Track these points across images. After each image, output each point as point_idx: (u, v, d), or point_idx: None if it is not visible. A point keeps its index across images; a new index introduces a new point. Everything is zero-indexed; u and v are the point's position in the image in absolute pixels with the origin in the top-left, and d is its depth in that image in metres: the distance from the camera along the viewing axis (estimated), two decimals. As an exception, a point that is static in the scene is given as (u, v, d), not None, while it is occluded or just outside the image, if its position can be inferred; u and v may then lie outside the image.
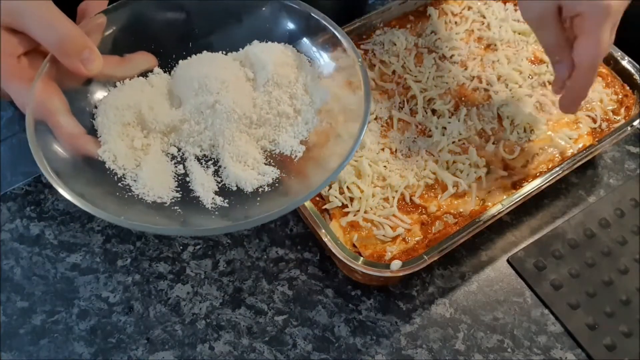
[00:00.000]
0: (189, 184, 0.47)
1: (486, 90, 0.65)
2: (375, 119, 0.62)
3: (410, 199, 0.57)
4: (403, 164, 0.59)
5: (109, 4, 0.49)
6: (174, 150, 0.49)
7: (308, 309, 0.57)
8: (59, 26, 0.40)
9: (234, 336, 0.55)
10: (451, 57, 0.68)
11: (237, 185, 0.47)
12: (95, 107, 0.47)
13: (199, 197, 0.46)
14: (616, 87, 0.66)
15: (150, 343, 0.55)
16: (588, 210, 0.64)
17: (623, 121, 0.63)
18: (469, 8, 0.73)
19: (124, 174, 0.45)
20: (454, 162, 0.59)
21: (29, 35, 0.40)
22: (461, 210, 0.56)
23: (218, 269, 0.59)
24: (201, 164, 0.48)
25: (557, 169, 0.58)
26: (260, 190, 0.47)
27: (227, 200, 0.46)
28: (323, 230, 0.52)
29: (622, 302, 0.57)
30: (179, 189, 0.47)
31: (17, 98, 0.41)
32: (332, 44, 0.52)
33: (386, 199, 0.56)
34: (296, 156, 0.49)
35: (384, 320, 0.57)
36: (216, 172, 0.48)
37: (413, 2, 0.72)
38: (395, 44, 0.69)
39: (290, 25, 0.54)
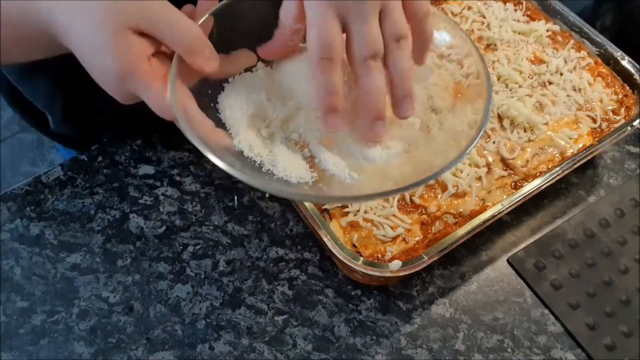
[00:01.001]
0: (320, 165, 0.48)
1: (486, 90, 0.65)
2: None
3: (410, 199, 0.57)
4: (403, 164, 0.59)
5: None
6: (295, 137, 0.49)
7: (308, 309, 0.57)
8: (186, 27, 0.41)
9: (234, 336, 0.55)
10: (449, 55, 0.68)
11: (365, 159, 0.47)
12: (213, 104, 0.48)
13: (334, 175, 0.47)
14: (616, 87, 0.66)
15: (150, 343, 0.55)
16: (588, 210, 0.64)
17: (623, 121, 0.63)
18: (469, 8, 0.73)
19: (261, 161, 0.46)
20: (454, 162, 0.59)
21: (155, 37, 0.40)
22: (461, 210, 0.56)
23: (218, 269, 0.59)
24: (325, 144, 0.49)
25: (557, 169, 0.58)
26: (390, 162, 0.47)
27: (362, 175, 0.46)
28: (323, 230, 0.52)
29: (622, 302, 0.57)
30: (313, 170, 0.48)
31: (155, 100, 0.41)
32: None
33: (386, 199, 0.56)
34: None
35: (384, 320, 0.57)
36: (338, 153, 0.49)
37: (413, 2, 0.72)
38: (395, 44, 0.69)
39: None
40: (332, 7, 0.40)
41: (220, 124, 0.47)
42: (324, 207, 0.56)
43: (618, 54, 0.67)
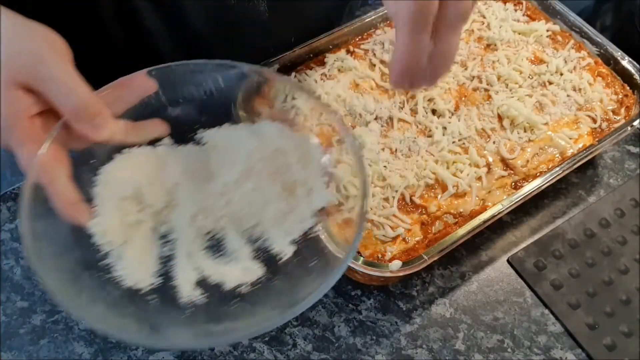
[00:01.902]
0: (171, 270, 0.46)
1: (486, 90, 0.65)
2: (376, 119, 0.62)
3: (410, 199, 0.57)
4: (403, 164, 0.59)
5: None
6: (164, 230, 0.47)
7: (308, 309, 0.57)
8: (77, 91, 0.39)
9: (234, 336, 0.55)
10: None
11: (218, 280, 0.46)
12: (94, 174, 0.46)
13: (176, 286, 0.45)
14: (616, 87, 0.66)
15: (150, 343, 0.55)
16: (588, 210, 0.64)
17: (623, 121, 0.63)
18: (469, 8, 0.73)
19: (109, 251, 0.44)
20: (454, 162, 0.59)
21: (44, 96, 0.39)
22: (461, 210, 0.56)
23: (218, 269, 0.59)
24: (191, 248, 0.47)
25: (557, 169, 0.58)
26: (238, 290, 0.46)
27: (205, 295, 0.45)
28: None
29: (622, 302, 0.57)
30: (161, 273, 0.45)
31: (24, 161, 0.40)
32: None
33: (386, 199, 0.56)
34: (281, 258, 0.48)
35: (384, 320, 0.57)
36: (201, 260, 0.47)
37: (413, 2, 0.72)
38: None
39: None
40: None
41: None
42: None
43: (618, 54, 0.67)
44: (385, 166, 0.58)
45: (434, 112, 0.63)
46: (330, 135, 0.51)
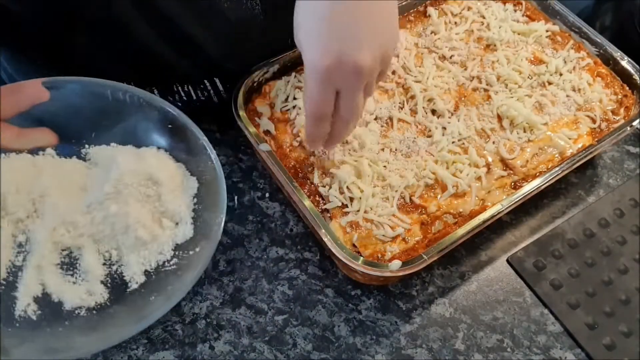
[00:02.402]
0: (15, 280, 0.47)
1: (486, 90, 0.65)
2: (376, 119, 0.62)
3: (410, 199, 0.57)
4: (403, 164, 0.59)
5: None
6: (23, 239, 0.48)
7: (308, 309, 0.57)
8: None
9: (234, 336, 0.55)
10: (451, 57, 0.68)
11: (58, 298, 0.47)
12: None
13: (16, 297, 0.46)
14: (616, 87, 0.66)
15: (150, 343, 0.55)
16: (588, 210, 0.64)
17: (622, 121, 0.63)
18: (469, 8, 0.73)
19: None
20: (454, 162, 0.59)
21: None
22: (461, 210, 0.57)
23: (218, 268, 0.59)
24: (43, 262, 0.48)
25: (557, 169, 0.58)
26: (77, 312, 0.47)
27: (39, 313, 0.46)
28: (323, 230, 0.52)
29: (622, 302, 0.58)
30: (3, 282, 0.46)
31: None
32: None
33: (386, 199, 0.57)
34: (129, 287, 0.49)
35: (384, 320, 0.57)
36: (48, 276, 0.48)
37: (413, 2, 0.72)
38: (395, 44, 0.69)
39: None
40: (329, 82, 0.46)
41: None
42: (324, 207, 0.56)
43: (617, 54, 0.67)
44: (385, 166, 0.58)
45: (433, 112, 0.63)
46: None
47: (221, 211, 0.50)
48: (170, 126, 0.55)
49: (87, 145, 0.55)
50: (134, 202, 0.50)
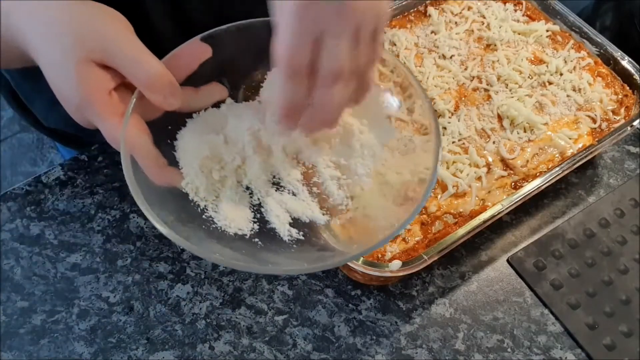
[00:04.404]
0: (265, 216, 0.48)
1: (486, 90, 0.65)
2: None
3: (410, 199, 0.57)
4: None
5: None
6: (247, 182, 0.49)
7: (308, 309, 0.57)
8: (147, 63, 0.41)
9: (234, 336, 0.55)
10: (451, 57, 0.68)
11: (308, 218, 0.48)
12: (175, 140, 0.48)
13: (275, 229, 0.47)
14: (616, 87, 0.66)
15: (150, 343, 0.55)
16: (588, 210, 0.64)
17: (623, 121, 0.63)
18: (469, 8, 0.73)
19: (205, 206, 0.46)
20: (454, 162, 0.59)
21: (118, 70, 0.41)
22: (461, 210, 0.56)
23: (218, 268, 0.59)
24: (278, 190, 0.49)
25: (557, 168, 0.58)
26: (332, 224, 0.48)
27: (301, 233, 0.47)
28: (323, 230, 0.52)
29: (622, 302, 0.58)
30: (256, 220, 0.47)
31: (109, 133, 0.42)
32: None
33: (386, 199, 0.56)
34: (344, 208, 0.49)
35: (384, 320, 0.57)
36: (289, 201, 0.49)
37: (413, 2, 0.72)
38: (395, 44, 0.69)
39: None
40: (307, 20, 0.37)
41: (175, 161, 0.47)
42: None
43: (618, 54, 0.67)
44: (383, 165, 0.58)
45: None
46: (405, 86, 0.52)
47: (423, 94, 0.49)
48: None
49: (253, 85, 0.53)
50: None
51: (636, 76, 0.66)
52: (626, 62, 0.67)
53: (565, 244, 0.61)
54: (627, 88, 0.66)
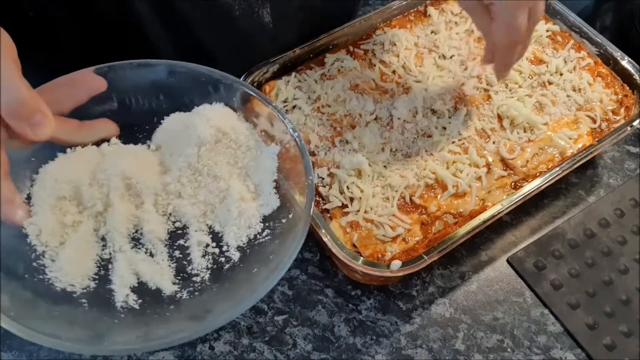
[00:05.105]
0: (109, 273, 0.45)
1: (486, 90, 0.65)
2: (375, 119, 0.62)
3: (410, 199, 0.57)
4: (403, 164, 0.59)
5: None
6: (105, 231, 0.46)
7: (308, 309, 0.57)
8: (11, 88, 0.37)
9: (233, 336, 0.55)
10: (451, 57, 0.68)
11: (156, 285, 0.45)
12: (34, 173, 0.45)
13: (112, 290, 0.44)
14: (616, 87, 0.66)
15: (150, 343, 0.55)
16: (588, 210, 0.64)
17: (623, 121, 0.63)
18: (469, 8, 0.73)
19: (44, 252, 0.43)
20: (454, 162, 0.59)
21: None
22: (461, 210, 0.56)
23: (218, 268, 0.59)
24: (134, 247, 0.46)
25: (557, 169, 0.58)
26: (178, 296, 0.45)
27: (140, 302, 0.44)
28: (323, 230, 0.52)
29: (622, 302, 0.57)
30: (97, 277, 0.44)
31: None
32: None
33: (386, 199, 0.56)
34: (229, 264, 0.47)
35: (384, 320, 0.57)
36: (140, 265, 0.46)
37: (413, 2, 0.72)
38: (395, 44, 0.69)
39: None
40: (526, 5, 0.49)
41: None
42: (324, 207, 0.56)
43: (618, 54, 0.67)
44: (385, 166, 0.58)
45: (433, 112, 0.63)
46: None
47: (309, 172, 0.47)
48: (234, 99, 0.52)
49: (147, 128, 0.51)
50: (224, 165, 0.48)
51: (636, 76, 0.66)
52: (626, 62, 0.67)
53: (565, 244, 0.61)
54: (627, 88, 0.66)
